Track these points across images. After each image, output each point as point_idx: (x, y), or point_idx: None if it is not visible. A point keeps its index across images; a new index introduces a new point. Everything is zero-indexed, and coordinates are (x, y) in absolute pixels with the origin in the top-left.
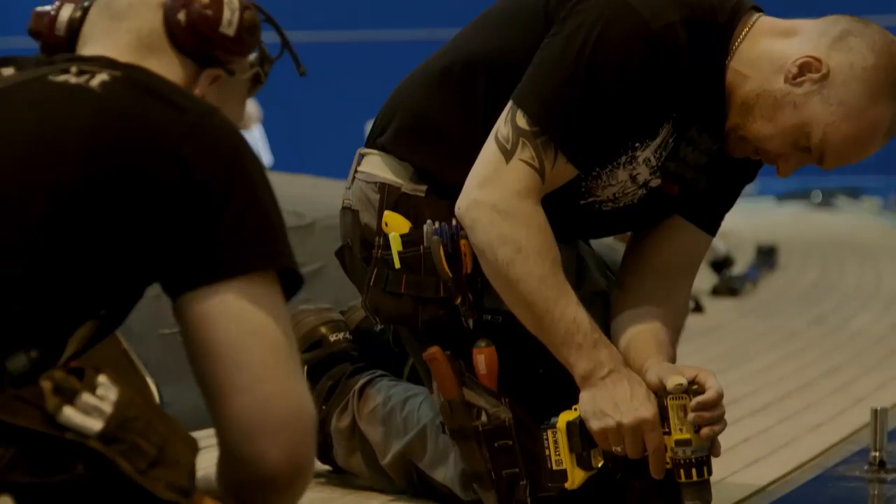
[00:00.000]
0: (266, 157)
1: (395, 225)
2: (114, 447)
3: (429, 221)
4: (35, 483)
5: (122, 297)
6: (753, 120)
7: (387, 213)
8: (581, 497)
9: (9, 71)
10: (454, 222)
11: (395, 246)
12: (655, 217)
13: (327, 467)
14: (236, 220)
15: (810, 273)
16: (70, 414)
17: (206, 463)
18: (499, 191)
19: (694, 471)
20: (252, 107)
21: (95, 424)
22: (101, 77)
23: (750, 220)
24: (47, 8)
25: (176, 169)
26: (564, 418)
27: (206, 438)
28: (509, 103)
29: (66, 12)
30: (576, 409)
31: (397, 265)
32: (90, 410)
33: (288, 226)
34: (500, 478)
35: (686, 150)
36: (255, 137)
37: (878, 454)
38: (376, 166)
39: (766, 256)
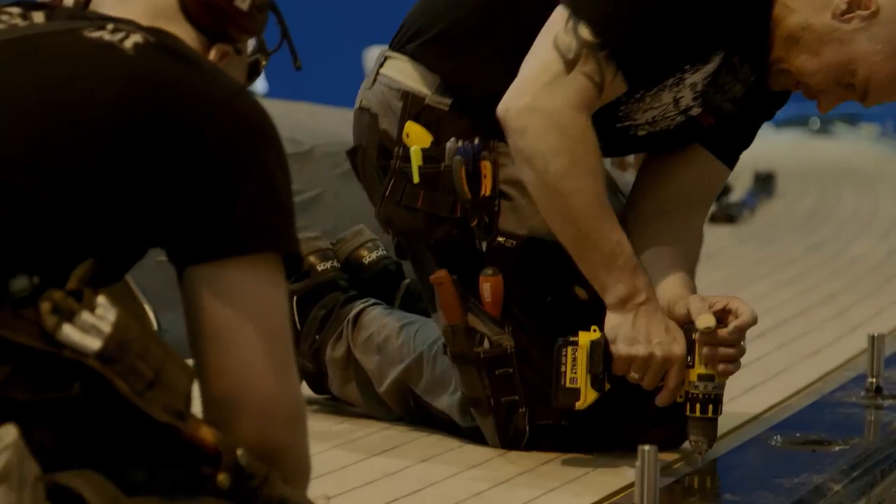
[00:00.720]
0: (262, 84)
1: (417, 137)
2: (111, 367)
3: (452, 139)
4: (31, 400)
5: (122, 251)
6: (798, 54)
7: (409, 123)
8: (577, 426)
9: (39, 17)
10: (476, 141)
11: (416, 160)
12: (680, 145)
13: (323, 396)
14: (250, 200)
15: (808, 200)
16: (69, 332)
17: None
18: (558, 100)
19: (710, 407)
20: None
21: (94, 343)
22: (136, 38)
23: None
24: None
25: (196, 144)
26: (587, 337)
27: None
28: (563, 10)
29: None
30: (595, 330)
31: (416, 179)
32: (89, 329)
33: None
34: (499, 404)
35: (726, 78)
36: None
37: (874, 380)
38: (401, 72)
39: (764, 183)
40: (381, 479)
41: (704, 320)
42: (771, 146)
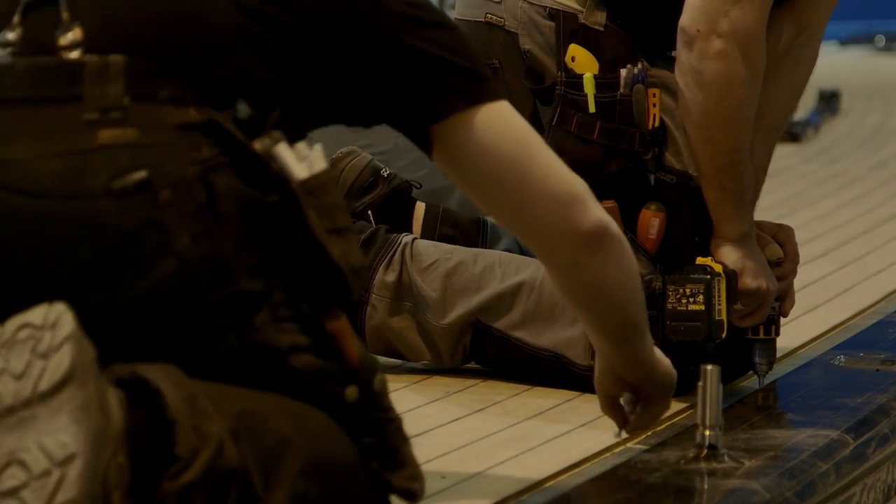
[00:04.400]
0: None
1: (583, 63)
2: (310, 199)
3: (629, 66)
4: (233, 187)
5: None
6: None
7: (574, 47)
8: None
9: None
10: (640, 66)
11: (590, 88)
12: None
13: None
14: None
15: (873, 118)
16: (284, 150)
17: None
18: (751, 24)
19: (773, 328)
20: None
21: (302, 171)
22: None
23: None
24: None
25: (383, 24)
26: (718, 268)
27: None
28: None
29: None
30: (711, 261)
31: (592, 109)
32: (302, 158)
33: None
34: None
35: None
36: None
37: None
38: None
39: (829, 101)
40: (445, 396)
41: (774, 251)
42: (835, 64)
